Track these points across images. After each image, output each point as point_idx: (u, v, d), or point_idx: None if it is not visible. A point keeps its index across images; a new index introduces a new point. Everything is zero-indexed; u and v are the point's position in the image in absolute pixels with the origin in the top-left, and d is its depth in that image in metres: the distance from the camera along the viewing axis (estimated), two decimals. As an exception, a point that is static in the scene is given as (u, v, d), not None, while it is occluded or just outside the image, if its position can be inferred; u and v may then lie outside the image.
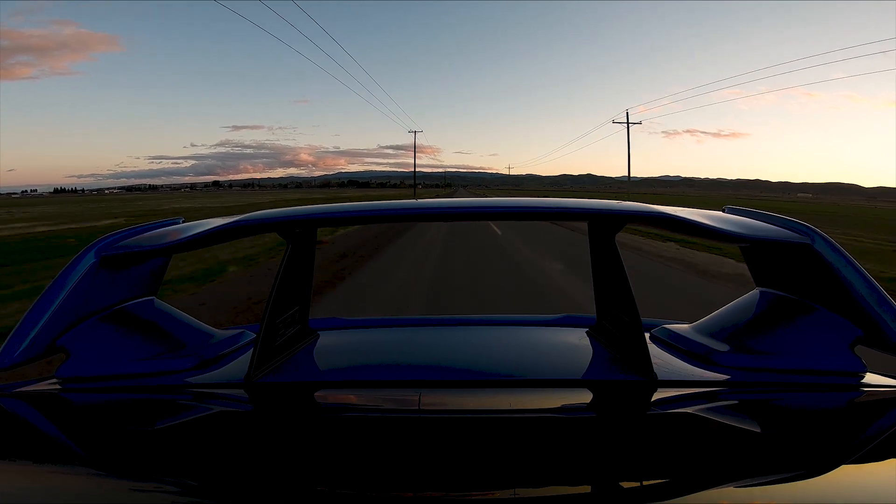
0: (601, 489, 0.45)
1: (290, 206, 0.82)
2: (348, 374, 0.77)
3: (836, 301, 0.70)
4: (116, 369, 0.70)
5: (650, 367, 0.66)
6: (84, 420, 0.63)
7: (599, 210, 0.71)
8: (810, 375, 0.67)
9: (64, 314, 0.71)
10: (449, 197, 0.80)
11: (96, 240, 0.76)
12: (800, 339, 0.70)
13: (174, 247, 0.74)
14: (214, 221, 0.78)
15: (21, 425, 0.62)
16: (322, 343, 0.88)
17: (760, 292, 0.83)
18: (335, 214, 0.75)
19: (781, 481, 0.45)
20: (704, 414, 0.60)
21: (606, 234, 0.77)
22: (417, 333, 1.00)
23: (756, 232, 0.72)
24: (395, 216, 0.73)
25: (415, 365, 0.80)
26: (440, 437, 0.55)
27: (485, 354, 0.84)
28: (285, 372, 0.73)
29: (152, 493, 0.45)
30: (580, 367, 0.76)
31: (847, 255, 0.70)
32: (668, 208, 0.72)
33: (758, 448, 0.52)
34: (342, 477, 0.47)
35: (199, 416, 0.63)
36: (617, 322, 0.77)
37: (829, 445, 0.53)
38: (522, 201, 0.72)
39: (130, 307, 0.81)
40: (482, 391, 0.68)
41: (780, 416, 0.61)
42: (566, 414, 0.63)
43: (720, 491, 0.43)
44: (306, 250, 0.87)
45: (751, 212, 0.83)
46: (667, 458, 0.50)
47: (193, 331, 0.84)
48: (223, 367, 0.75)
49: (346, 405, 0.67)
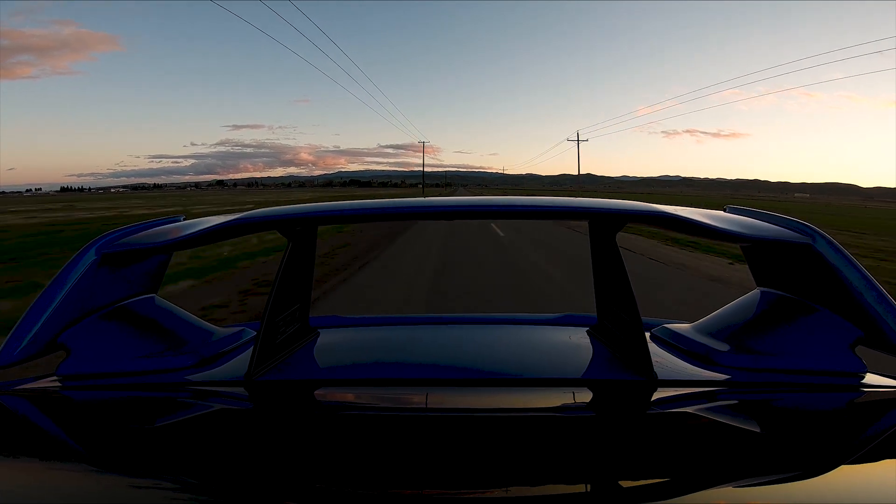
0: (601, 488, 0.45)
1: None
2: (348, 373, 0.77)
3: (837, 301, 0.70)
4: (117, 367, 0.70)
5: (650, 366, 0.66)
6: (84, 418, 0.63)
7: (600, 209, 0.71)
8: (811, 376, 0.67)
9: (64, 312, 0.71)
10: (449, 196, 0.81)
11: (97, 237, 0.76)
12: (800, 339, 0.70)
13: (175, 244, 0.74)
14: (215, 219, 0.78)
15: (21, 423, 0.62)
16: (322, 341, 0.89)
17: (761, 292, 0.83)
18: (335, 213, 0.75)
19: (781, 481, 0.45)
20: (704, 414, 0.60)
21: (607, 234, 0.77)
22: (417, 332, 1.00)
23: (757, 231, 0.72)
24: (396, 215, 0.73)
25: (415, 363, 0.80)
26: (440, 436, 0.55)
27: (485, 353, 0.84)
28: (285, 370, 0.73)
29: (152, 491, 0.45)
30: (580, 367, 0.76)
31: (848, 255, 0.70)
32: (669, 207, 0.72)
33: (758, 448, 0.52)
34: (342, 475, 0.47)
35: (200, 414, 0.63)
36: (617, 321, 0.77)
37: (829, 446, 0.53)
38: (523, 200, 0.72)
39: (131, 305, 0.81)
40: (482, 390, 0.68)
41: (781, 416, 0.61)
42: (566, 413, 0.63)
43: (720, 491, 0.43)
44: (307, 248, 0.87)
45: (752, 211, 0.83)
46: (667, 457, 0.50)
47: (194, 328, 0.84)
48: (223, 365, 0.75)
49: (347, 403, 0.67)
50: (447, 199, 0.76)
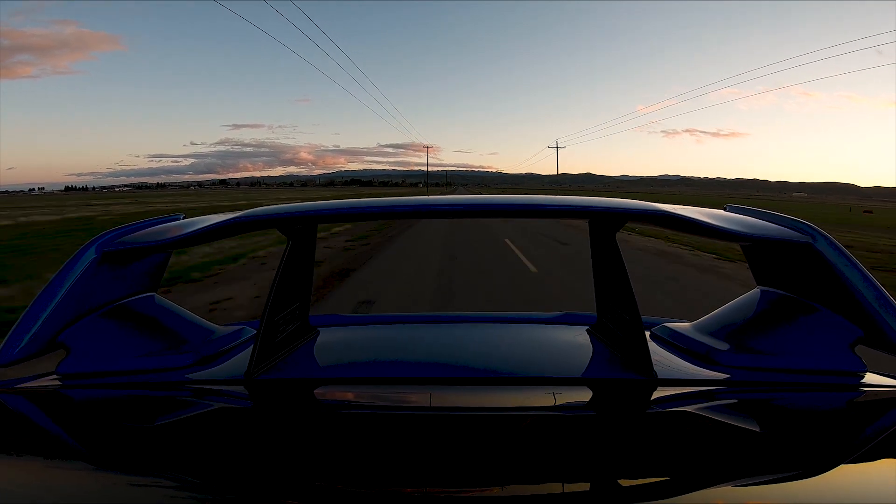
0: (600, 487, 0.45)
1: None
2: (348, 371, 0.77)
3: (837, 301, 0.70)
4: (116, 366, 0.70)
5: (650, 365, 0.66)
6: (84, 416, 0.63)
7: (600, 208, 0.70)
8: (810, 375, 0.67)
9: (64, 310, 0.71)
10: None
11: (96, 235, 0.76)
12: (800, 338, 0.70)
13: (175, 242, 0.74)
14: (215, 217, 0.78)
15: (21, 422, 0.62)
16: (322, 340, 0.88)
17: (761, 291, 0.83)
18: (335, 211, 0.75)
19: (780, 480, 0.44)
20: (704, 413, 0.60)
21: (607, 232, 0.77)
22: (417, 330, 1.00)
23: (757, 231, 0.72)
24: (396, 213, 0.72)
25: (414, 362, 0.80)
26: (440, 434, 0.55)
27: (484, 352, 0.84)
28: (285, 369, 0.73)
29: (152, 490, 0.45)
30: (580, 366, 0.76)
31: (849, 254, 0.70)
32: (669, 206, 0.72)
33: (757, 447, 0.52)
34: (342, 473, 0.47)
35: (199, 413, 0.63)
36: (617, 320, 0.77)
37: (829, 445, 0.53)
38: (523, 199, 0.72)
39: (131, 303, 0.81)
40: (482, 389, 0.68)
41: (780, 415, 0.61)
42: (566, 412, 0.62)
43: (719, 490, 0.43)
44: (307, 247, 0.87)
45: (752, 210, 0.83)
46: (666, 456, 0.50)
47: (194, 327, 0.84)
48: (223, 364, 0.75)
49: (346, 402, 0.67)
50: (446, 197, 0.76)
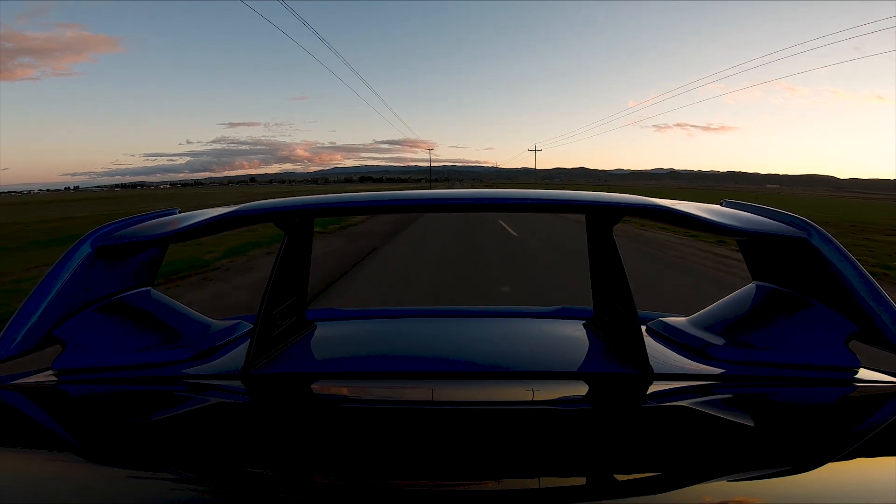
0: (596, 481, 0.45)
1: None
2: (345, 366, 0.77)
3: (832, 296, 0.71)
4: (113, 360, 0.70)
5: (646, 360, 0.66)
6: (81, 412, 0.63)
7: (596, 202, 0.71)
8: (805, 370, 0.67)
9: (60, 305, 0.70)
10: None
11: (92, 230, 0.75)
12: (795, 333, 0.71)
13: (170, 237, 0.73)
14: (211, 211, 0.78)
15: (17, 417, 0.62)
16: (319, 334, 0.88)
17: (756, 286, 0.83)
18: (333, 205, 0.74)
19: (775, 475, 0.45)
20: (699, 407, 0.60)
21: (604, 227, 0.77)
22: (414, 324, 1.00)
23: (752, 226, 0.72)
24: (394, 207, 0.72)
25: (411, 356, 0.80)
26: (436, 428, 0.55)
27: (481, 346, 0.84)
28: (282, 363, 0.73)
29: (149, 485, 0.45)
30: (576, 360, 0.76)
31: (843, 250, 0.70)
32: (665, 201, 0.72)
33: (752, 442, 0.53)
34: (339, 468, 0.47)
35: (196, 408, 0.63)
36: (614, 315, 0.77)
37: (823, 440, 0.53)
38: (521, 193, 0.72)
39: (127, 298, 0.80)
40: (478, 383, 0.68)
41: (775, 410, 0.62)
42: (562, 406, 0.63)
43: (714, 484, 0.44)
44: (303, 241, 0.86)
45: (748, 205, 0.83)
46: (662, 450, 0.51)
47: (190, 322, 0.83)
48: (220, 359, 0.75)
49: (343, 396, 0.67)
50: (444, 191, 0.76)
